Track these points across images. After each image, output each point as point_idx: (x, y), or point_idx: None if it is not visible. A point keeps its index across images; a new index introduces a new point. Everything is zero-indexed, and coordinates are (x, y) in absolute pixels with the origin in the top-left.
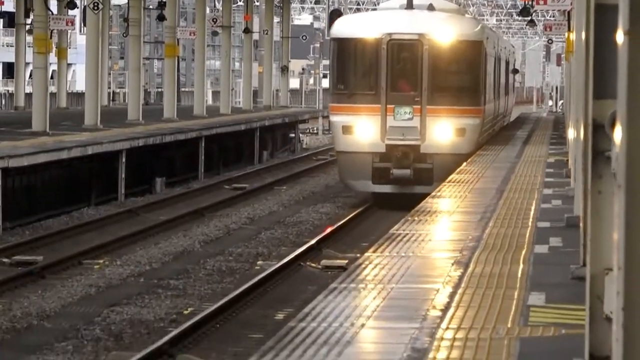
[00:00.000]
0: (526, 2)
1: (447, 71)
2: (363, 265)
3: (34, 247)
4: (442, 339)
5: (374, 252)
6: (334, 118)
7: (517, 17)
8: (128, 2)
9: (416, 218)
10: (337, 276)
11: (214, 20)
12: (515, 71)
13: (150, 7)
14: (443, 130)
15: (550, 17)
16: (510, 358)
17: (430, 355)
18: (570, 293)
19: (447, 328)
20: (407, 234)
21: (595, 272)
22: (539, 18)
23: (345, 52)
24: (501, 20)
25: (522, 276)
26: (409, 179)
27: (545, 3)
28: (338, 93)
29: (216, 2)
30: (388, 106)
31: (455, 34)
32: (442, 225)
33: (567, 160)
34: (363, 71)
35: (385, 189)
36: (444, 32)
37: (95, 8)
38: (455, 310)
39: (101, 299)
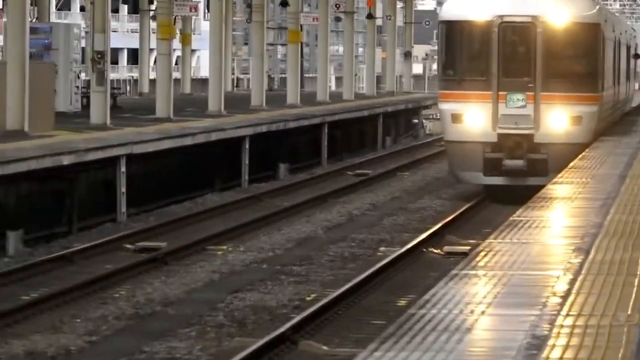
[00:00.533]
0: None
1: (563, 55)
2: (484, 252)
3: (157, 233)
4: (561, 326)
5: (494, 238)
6: (443, 106)
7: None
8: None
9: (536, 204)
10: (459, 262)
11: (337, 5)
12: (637, 56)
13: None
14: (558, 119)
15: None
16: (629, 345)
17: (550, 342)
18: None
19: (567, 315)
20: (528, 220)
21: None
22: None
23: (454, 35)
24: (624, 5)
25: None
26: (522, 170)
27: None
28: (447, 79)
29: None
30: (500, 93)
31: (571, 15)
32: (563, 212)
33: None
34: (473, 56)
35: (497, 180)
36: (558, 13)
37: None
38: (575, 297)
39: (224, 285)
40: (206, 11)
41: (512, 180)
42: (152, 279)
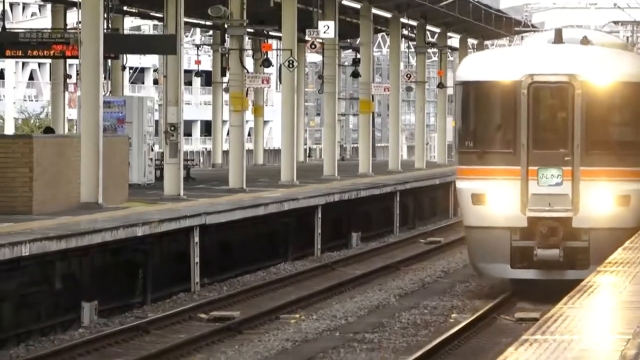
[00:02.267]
0: None
1: (606, 122)
2: (554, 317)
3: (231, 302)
4: None
5: (565, 304)
6: (461, 184)
7: None
8: (323, 60)
9: (610, 269)
10: (530, 328)
11: (408, 75)
12: None
13: (346, 63)
14: (602, 199)
15: None
16: None
17: None
18: None
19: None
20: (601, 284)
21: None
22: None
23: (474, 98)
24: None
25: None
26: (558, 261)
27: None
28: (465, 152)
29: (410, 58)
30: (530, 168)
31: (616, 74)
32: (633, 277)
33: None
34: (498, 123)
35: (528, 274)
36: (601, 71)
37: (290, 66)
38: None
39: (297, 354)
40: (278, 83)
41: (546, 273)
42: (225, 347)
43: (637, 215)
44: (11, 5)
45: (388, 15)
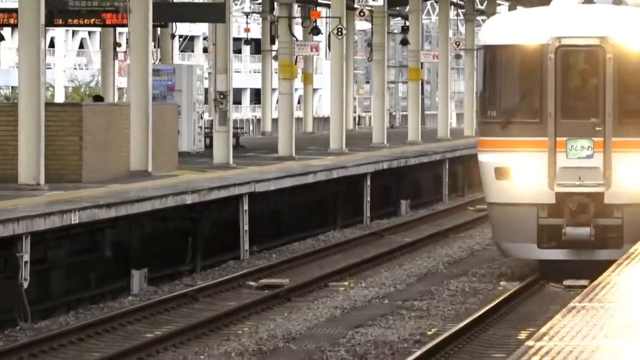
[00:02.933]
0: None
1: None
2: (602, 285)
3: (280, 270)
4: None
5: (613, 271)
6: (484, 157)
7: None
8: (372, 28)
9: None
10: (578, 295)
11: (457, 43)
12: None
13: (395, 31)
14: (636, 172)
15: None
16: None
17: None
18: None
19: None
20: None
21: None
22: None
23: (497, 64)
24: None
25: None
26: (589, 240)
27: None
28: (488, 122)
29: (459, 25)
30: (558, 139)
31: None
32: None
33: None
34: (523, 91)
35: (556, 254)
36: (635, 34)
37: (339, 34)
38: None
39: (346, 321)
40: (328, 50)
41: (576, 253)
42: (274, 315)
43: None
44: None
45: None
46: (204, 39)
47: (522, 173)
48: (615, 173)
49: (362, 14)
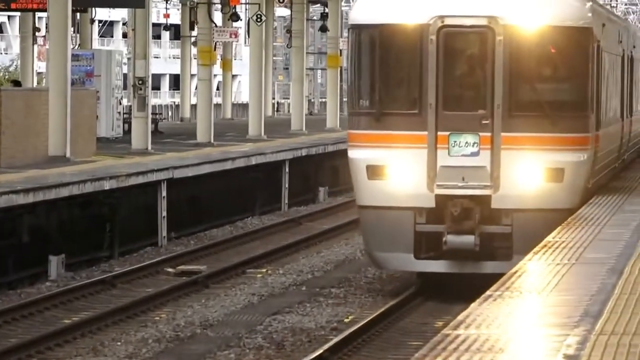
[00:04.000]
0: None
1: (535, 76)
2: (518, 274)
3: (198, 257)
4: (593, 345)
5: (529, 260)
6: (354, 153)
7: None
8: (291, 14)
9: (574, 227)
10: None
11: None
12: None
13: (314, 18)
14: (528, 172)
15: None
16: None
17: None
18: None
19: (599, 334)
20: (563, 242)
21: None
22: None
23: (370, 46)
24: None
25: None
26: (473, 250)
27: None
28: (360, 113)
29: None
30: (439, 134)
31: (548, 16)
32: (594, 235)
33: None
34: (399, 78)
35: (436, 266)
36: (528, 14)
37: (259, 20)
38: (607, 317)
39: (263, 308)
40: (247, 37)
41: (459, 265)
42: (192, 302)
43: (572, 194)
44: None
45: None
46: (124, 24)
47: (397, 172)
48: (505, 173)
49: (281, 0)
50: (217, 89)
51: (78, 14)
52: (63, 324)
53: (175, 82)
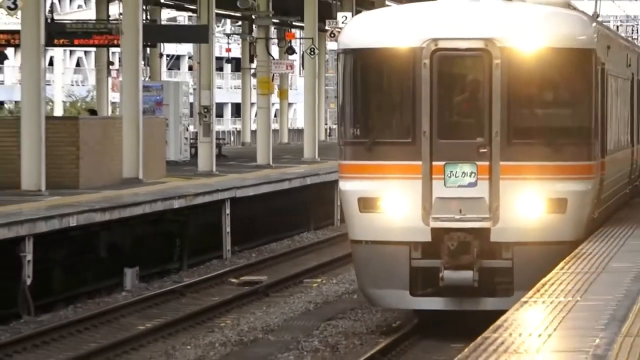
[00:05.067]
0: None
1: (535, 101)
2: (552, 282)
3: (259, 268)
4: (620, 346)
5: (561, 269)
6: (346, 185)
7: None
8: None
9: (599, 239)
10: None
11: None
12: None
13: None
14: (529, 203)
15: None
16: None
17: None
18: None
19: (626, 336)
20: (593, 251)
21: None
22: None
23: (361, 71)
24: None
25: None
26: (472, 286)
27: None
28: (350, 142)
29: None
30: (434, 164)
31: (548, 38)
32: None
33: None
34: (392, 105)
35: (433, 304)
36: (527, 35)
37: (312, 53)
38: (633, 319)
39: (319, 314)
40: (301, 68)
41: (457, 302)
42: (254, 309)
43: (576, 225)
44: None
45: None
46: (189, 57)
47: (391, 204)
48: (504, 205)
49: (332, 35)
50: (275, 116)
51: (148, 49)
52: (137, 330)
53: (237, 110)
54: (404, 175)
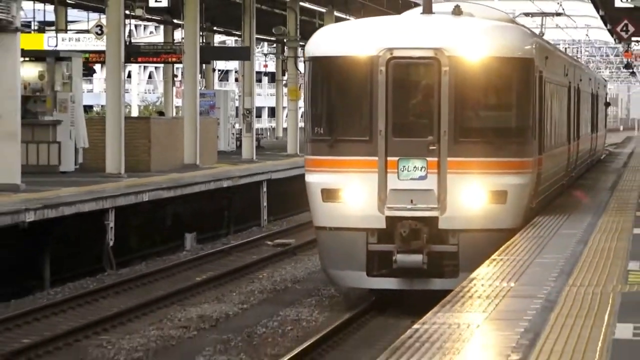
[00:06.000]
0: (629, 59)
1: (479, 104)
2: (471, 285)
3: (288, 233)
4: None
5: (485, 267)
6: (311, 177)
7: (623, 70)
8: None
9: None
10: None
11: None
12: (608, 104)
13: None
14: (473, 195)
15: None
16: (615, 302)
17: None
18: None
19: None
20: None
21: None
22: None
23: (324, 77)
24: (612, 72)
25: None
26: (422, 268)
27: None
28: (315, 140)
29: None
30: (389, 159)
31: (491, 48)
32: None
33: None
34: (352, 107)
35: (387, 283)
36: (473, 45)
37: None
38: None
39: None
40: None
41: (408, 283)
42: (285, 265)
43: (515, 215)
44: (136, 26)
45: None
46: (236, 71)
47: (350, 195)
48: (451, 196)
49: None
50: (301, 116)
51: (204, 65)
52: (195, 280)
53: (272, 112)
54: (362, 169)
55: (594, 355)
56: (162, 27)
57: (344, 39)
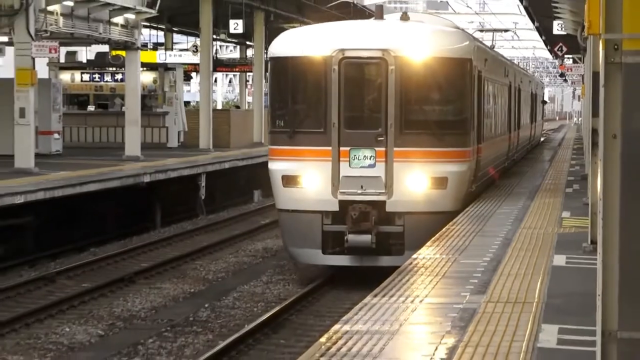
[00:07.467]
0: (562, 70)
1: (422, 100)
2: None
3: None
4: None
5: (411, 260)
6: (273, 165)
7: (559, 77)
8: None
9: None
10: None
11: None
12: (544, 102)
13: None
14: (416, 181)
15: (576, 77)
16: (553, 239)
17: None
18: (583, 212)
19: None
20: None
21: (593, 202)
22: (570, 77)
23: (284, 75)
24: (551, 79)
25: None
26: (371, 247)
27: (571, 71)
28: (277, 131)
29: None
30: (342, 149)
31: (432, 49)
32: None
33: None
34: (309, 102)
35: (340, 260)
36: (417, 46)
37: None
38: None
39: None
40: None
41: (359, 260)
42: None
43: (454, 199)
44: (220, 46)
45: None
46: None
47: (307, 181)
48: (397, 182)
49: None
50: None
51: (267, 73)
52: (261, 223)
53: None
54: (318, 158)
55: (538, 277)
56: (238, 46)
57: (302, 41)
